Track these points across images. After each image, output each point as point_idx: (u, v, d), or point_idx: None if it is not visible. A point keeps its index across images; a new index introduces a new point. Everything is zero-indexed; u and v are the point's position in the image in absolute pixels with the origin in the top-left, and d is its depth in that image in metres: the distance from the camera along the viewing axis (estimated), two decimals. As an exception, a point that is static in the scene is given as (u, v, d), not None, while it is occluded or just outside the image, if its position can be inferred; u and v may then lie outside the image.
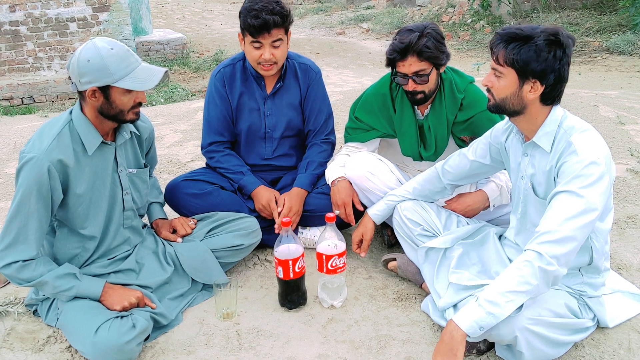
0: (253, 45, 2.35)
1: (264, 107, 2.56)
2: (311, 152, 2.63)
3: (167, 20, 13.86)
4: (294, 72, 2.58)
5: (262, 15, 2.27)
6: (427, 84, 2.26)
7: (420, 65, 2.22)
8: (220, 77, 2.56)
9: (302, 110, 2.64)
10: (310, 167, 2.59)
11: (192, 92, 7.79)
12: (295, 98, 2.60)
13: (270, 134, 2.61)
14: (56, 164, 1.87)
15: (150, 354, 1.96)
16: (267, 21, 2.27)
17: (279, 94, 2.57)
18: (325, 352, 1.96)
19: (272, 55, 2.37)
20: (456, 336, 1.67)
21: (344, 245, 2.12)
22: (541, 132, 1.84)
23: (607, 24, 8.48)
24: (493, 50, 1.80)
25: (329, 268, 2.12)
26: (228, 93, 2.56)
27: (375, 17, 12.51)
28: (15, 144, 4.33)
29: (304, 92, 2.60)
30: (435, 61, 2.22)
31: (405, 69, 2.24)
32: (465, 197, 2.33)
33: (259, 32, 2.30)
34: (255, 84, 2.56)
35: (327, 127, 2.68)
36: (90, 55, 1.84)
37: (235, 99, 2.56)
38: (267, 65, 2.40)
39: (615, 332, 1.97)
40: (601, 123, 4.05)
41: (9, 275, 1.91)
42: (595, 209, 1.68)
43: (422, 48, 2.18)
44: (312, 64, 2.64)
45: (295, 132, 2.66)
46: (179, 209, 2.55)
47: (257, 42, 2.33)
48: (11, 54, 7.83)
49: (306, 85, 2.60)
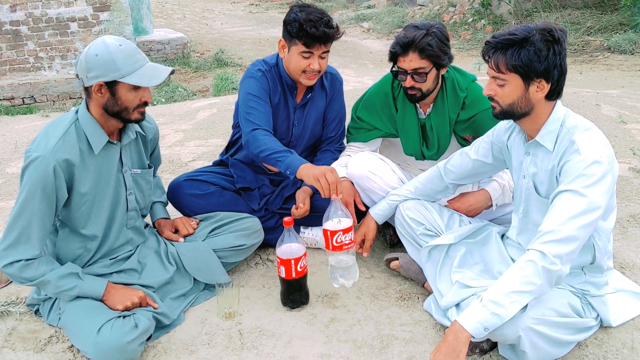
0: (302, 54, 2.34)
1: (293, 116, 2.55)
2: (324, 156, 2.62)
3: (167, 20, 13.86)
4: (321, 82, 2.57)
5: (321, 27, 2.27)
6: (425, 83, 2.26)
7: (420, 63, 2.21)
8: (267, 78, 2.47)
9: (324, 119, 2.63)
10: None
11: (192, 91, 7.79)
12: (321, 108, 2.60)
13: (294, 143, 2.60)
14: (62, 163, 1.87)
15: (153, 354, 1.96)
16: (326, 34, 2.28)
17: (309, 104, 2.56)
18: (327, 351, 1.96)
19: (320, 65, 2.36)
20: (461, 337, 1.66)
21: (349, 221, 2.10)
22: (544, 131, 1.83)
23: (608, 23, 8.47)
24: (489, 59, 1.79)
25: (334, 244, 2.10)
26: (271, 93, 2.50)
27: (376, 16, 12.50)
28: (17, 144, 4.33)
29: (328, 101, 2.60)
30: (435, 60, 2.22)
31: (405, 64, 2.24)
32: (468, 196, 2.33)
33: (315, 43, 2.30)
34: (288, 93, 2.53)
35: (342, 136, 2.69)
36: (98, 50, 1.85)
37: (274, 103, 2.52)
38: (312, 74, 2.38)
39: (618, 331, 1.97)
40: (603, 122, 4.05)
41: (11, 275, 1.91)
42: (598, 208, 1.68)
43: (425, 46, 2.18)
44: (336, 73, 2.63)
45: (315, 140, 2.66)
46: (181, 209, 2.54)
47: (309, 52, 2.32)
48: (12, 53, 7.83)
49: (331, 95, 2.60)
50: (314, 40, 2.29)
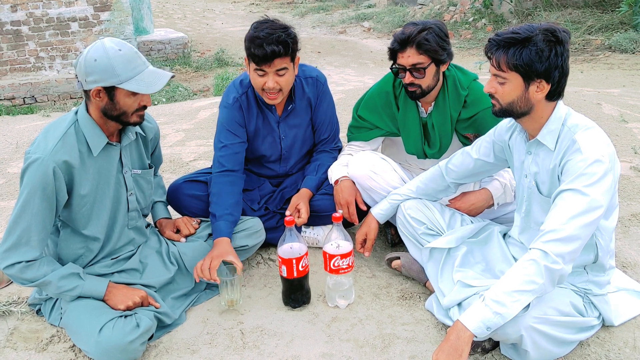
0: (257, 72, 2.27)
1: (279, 130, 2.51)
2: (321, 157, 2.60)
3: (168, 19, 13.86)
4: (302, 90, 2.51)
5: (265, 46, 2.18)
6: (424, 79, 2.25)
7: (418, 58, 2.21)
8: (240, 104, 2.44)
9: (312, 123, 2.60)
10: (320, 170, 2.56)
11: (193, 91, 7.80)
12: (306, 115, 2.56)
13: (286, 155, 2.58)
14: (61, 165, 1.87)
15: (154, 353, 1.96)
16: (271, 51, 2.18)
17: (291, 116, 2.51)
18: (329, 351, 1.96)
19: (277, 82, 2.27)
20: (463, 336, 1.66)
21: (348, 247, 2.11)
22: (545, 130, 1.83)
23: (609, 22, 8.46)
24: (491, 57, 1.79)
25: (331, 267, 2.12)
26: (246, 121, 2.46)
27: (377, 15, 12.49)
28: (18, 144, 4.33)
29: (315, 106, 2.56)
30: (433, 55, 2.22)
31: (403, 60, 2.24)
32: (469, 195, 2.32)
33: (263, 62, 2.22)
34: (267, 110, 2.47)
35: (336, 135, 2.67)
36: (97, 55, 1.83)
37: (252, 128, 2.48)
38: (272, 93, 2.30)
39: (620, 330, 1.97)
40: (604, 121, 4.04)
41: (13, 276, 1.91)
42: (599, 206, 1.68)
43: (421, 40, 2.18)
44: (318, 75, 2.56)
45: (309, 146, 2.65)
46: (181, 210, 2.54)
47: (261, 70, 2.25)
48: (13, 53, 7.83)
49: (315, 98, 2.55)
50: (261, 60, 2.21)
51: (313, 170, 2.57)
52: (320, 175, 2.55)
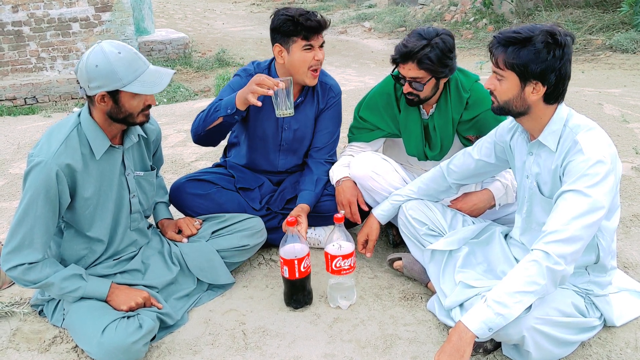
0: (305, 50, 2.35)
1: (283, 120, 2.53)
2: (318, 170, 2.58)
3: (169, 20, 13.85)
4: (314, 90, 2.56)
5: (314, 17, 2.32)
6: (422, 92, 2.27)
7: (418, 73, 2.22)
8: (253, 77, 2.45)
9: (314, 126, 2.61)
10: (318, 184, 2.54)
11: (194, 91, 7.80)
12: (311, 114, 2.58)
13: (285, 147, 2.59)
14: (64, 168, 1.87)
15: (157, 354, 1.97)
16: (320, 22, 2.33)
17: (299, 108, 2.53)
18: (331, 351, 1.96)
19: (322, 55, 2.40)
20: (465, 337, 1.66)
21: (350, 247, 2.11)
22: (547, 131, 1.83)
23: (610, 22, 8.45)
24: (492, 53, 1.80)
25: (333, 268, 2.12)
26: None
27: (377, 15, 12.49)
28: (19, 145, 4.33)
29: (319, 111, 2.58)
30: (433, 73, 2.22)
31: (404, 72, 2.25)
32: (471, 196, 2.33)
33: (313, 34, 2.34)
34: None
35: (333, 147, 2.66)
36: (98, 61, 1.83)
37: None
38: (317, 68, 2.41)
39: (622, 330, 1.97)
40: (605, 121, 4.04)
41: (15, 277, 1.91)
42: (601, 207, 1.68)
43: (423, 58, 2.17)
44: (334, 85, 2.61)
45: (307, 148, 2.65)
46: (183, 209, 2.54)
47: (310, 45, 2.35)
48: (14, 54, 7.83)
49: (323, 104, 2.58)
50: (312, 32, 2.33)
51: (311, 183, 2.54)
52: (318, 191, 2.53)
